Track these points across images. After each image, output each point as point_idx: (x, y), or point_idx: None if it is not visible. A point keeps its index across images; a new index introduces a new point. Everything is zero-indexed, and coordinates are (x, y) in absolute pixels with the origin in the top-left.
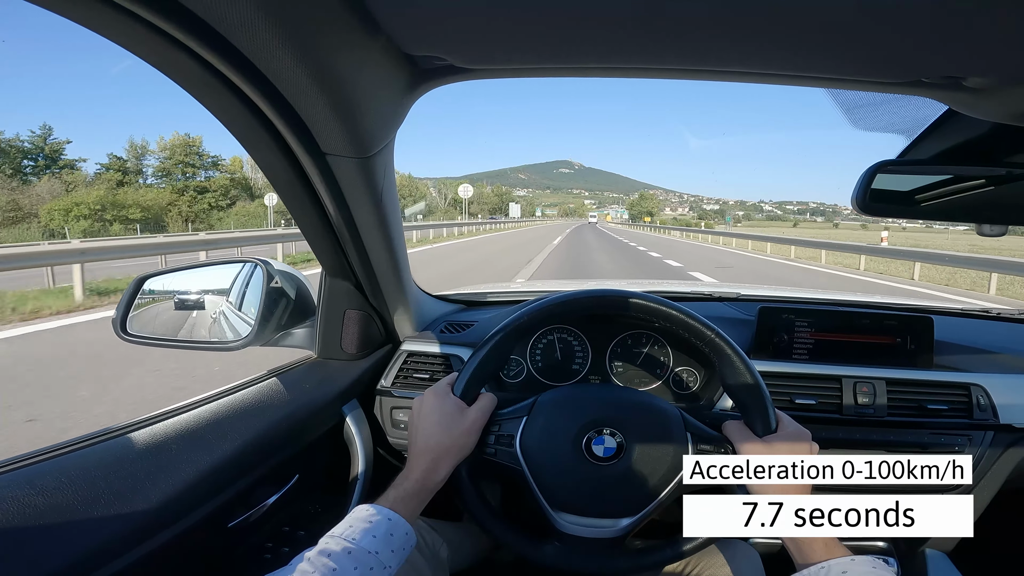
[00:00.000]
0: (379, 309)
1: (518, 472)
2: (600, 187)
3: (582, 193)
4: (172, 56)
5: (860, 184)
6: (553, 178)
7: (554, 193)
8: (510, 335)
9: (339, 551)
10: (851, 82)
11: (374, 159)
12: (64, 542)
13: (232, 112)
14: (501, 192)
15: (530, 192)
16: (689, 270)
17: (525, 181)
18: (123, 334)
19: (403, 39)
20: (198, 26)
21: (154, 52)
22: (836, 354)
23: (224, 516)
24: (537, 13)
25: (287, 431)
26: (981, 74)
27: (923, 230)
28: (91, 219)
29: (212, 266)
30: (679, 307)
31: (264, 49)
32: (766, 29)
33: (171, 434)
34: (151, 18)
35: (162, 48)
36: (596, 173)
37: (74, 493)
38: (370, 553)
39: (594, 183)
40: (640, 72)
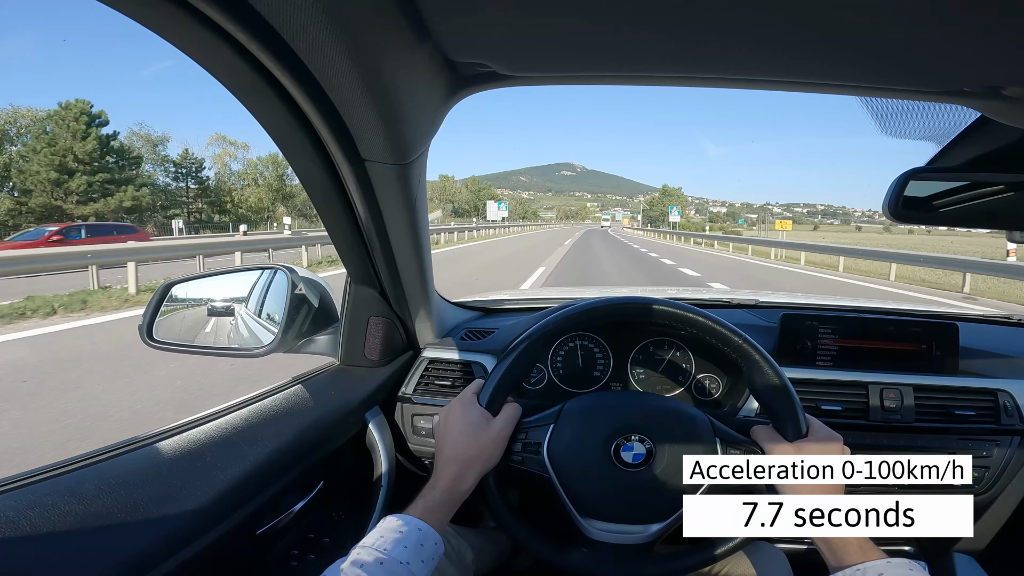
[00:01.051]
0: (402, 316)
1: (545, 479)
2: (603, 190)
3: (584, 196)
4: (225, 58)
5: (892, 191)
6: (555, 180)
7: (556, 196)
8: (535, 343)
9: (371, 561)
10: (891, 91)
11: (411, 166)
12: (105, 550)
13: (277, 117)
14: (478, 187)
15: (531, 195)
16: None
17: (527, 183)
18: (149, 340)
19: (450, 45)
20: (260, 27)
21: (207, 54)
22: (860, 361)
23: (253, 523)
24: (579, 22)
25: (314, 438)
26: (1022, 83)
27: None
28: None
29: (236, 272)
30: (706, 313)
31: (319, 52)
32: (810, 41)
33: (204, 440)
34: (216, 17)
35: (215, 50)
36: (598, 175)
37: (114, 500)
38: (401, 563)
39: (596, 185)
40: (677, 80)
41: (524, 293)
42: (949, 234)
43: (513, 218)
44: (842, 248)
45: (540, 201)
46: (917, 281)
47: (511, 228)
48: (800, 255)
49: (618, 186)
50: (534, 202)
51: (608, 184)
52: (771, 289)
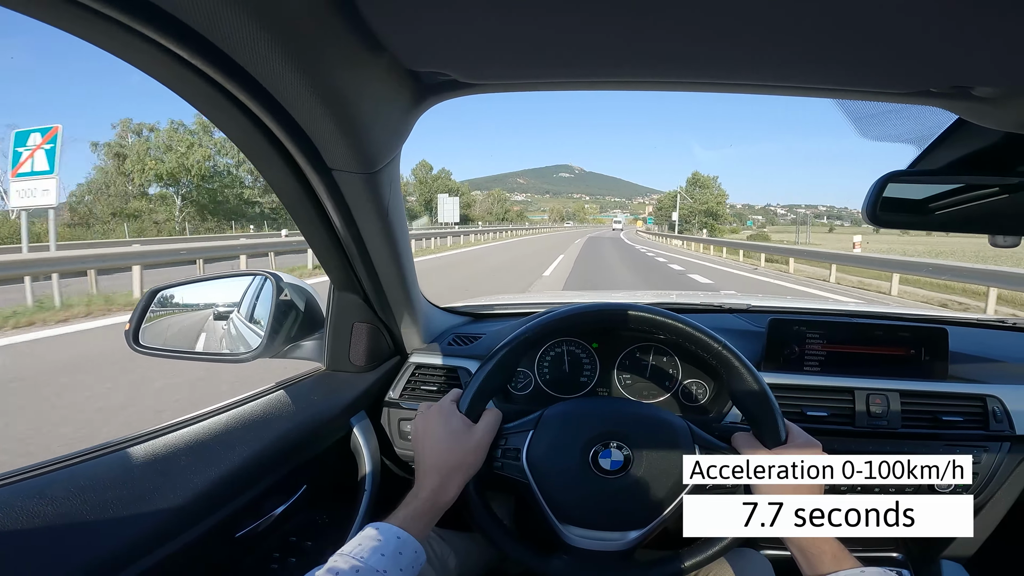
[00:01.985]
0: (387, 322)
1: (524, 485)
2: (601, 191)
3: (583, 198)
4: (180, 73)
5: (871, 194)
6: (553, 183)
7: (554, 198)
8: (514, 350)
9: (347, 569)
10: (859, 92)
11: (380, 174)
12: (73, 551)
13: (241, 129)
14: (429, 176)
15: (528, 196)
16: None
17: (524, 186)
18: (135, 345)
19: (406, 56)
20: (202, 45)
21: (163, 69)
22: (848, 366)
23: (232, 526)
24: (537, 28)
25: (295, 442)
26: (989, 83)
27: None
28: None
29: (223, 279)
30: (686, 320)
31: (268, 68)
32: (772, 40)
33: (179, 445)
34: (157, 37)
35: (169, 65)
36: (597, 177)
37: (83, 503)
38: (378, 572)
39: (595, 187)
40: (644, 85)
41: (515, 297)
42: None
43: (490, 219)
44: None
45: (538, 203)
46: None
47: (479, 235)
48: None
49: (616, 188)
50: (531, 204)
51: (607, 186)
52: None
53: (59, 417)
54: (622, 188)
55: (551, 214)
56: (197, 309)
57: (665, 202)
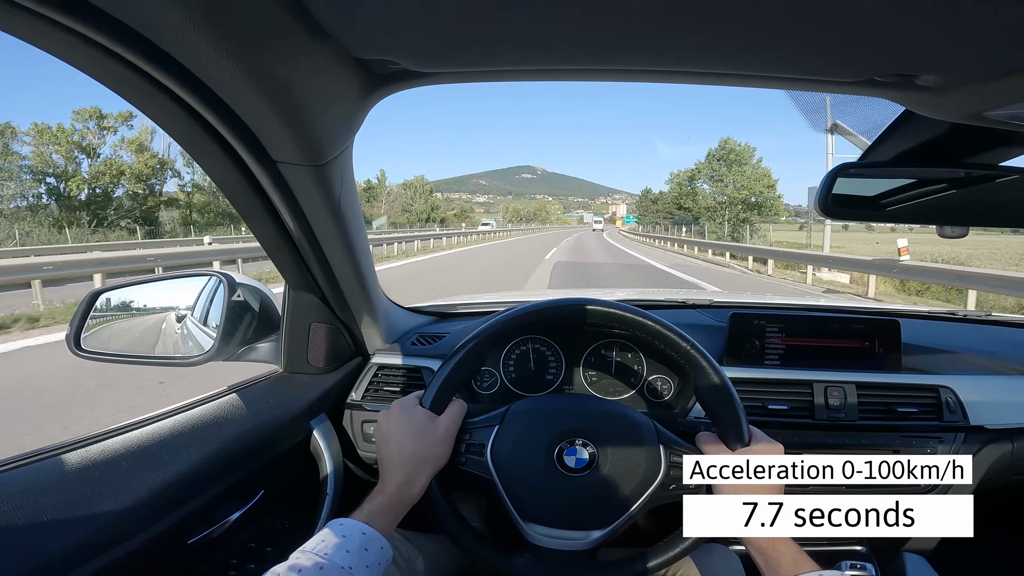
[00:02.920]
0: (347, 322)
1: (488, 482)
2: (564, 192)
3: (545, 198)
4: (106, 64)
5: (822, 187)
6: (515, 184)
7: (516, 199)
8: (477, 347)
9: (310, 566)
10: (807, 82)
11: (329, 166)
12: (8, 556)
13: (175, 119)
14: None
15: (491, 199)
16: None
17: (486, 187)
18: (77, 350)
19: (353, 44)
20: (126, 34)
21: (88, 61)
22: (807, 359)
23: (183, 533)
24: (488, 14)
25: (249, 446)
26: (933, 71)
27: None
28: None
29: (172, 280)
30: (655, 317)
31: (199, 56)
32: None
33: (121, 451)
34: (78, 27)
35: (95, 56)
36: (560, 178)
37: (14, 509)
38: (343, 568)
39: (558, 188)
40: (596, 75)
41: (480, 297)
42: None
43: (407, 221)
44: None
45: (500, 205)
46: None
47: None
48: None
49: (579, 188)
50: (492, 206)
51: (570, 186)
52: None
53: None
54: (584, 188)
55: (505, 214)
56: (147, 311)
57: (648, 198)
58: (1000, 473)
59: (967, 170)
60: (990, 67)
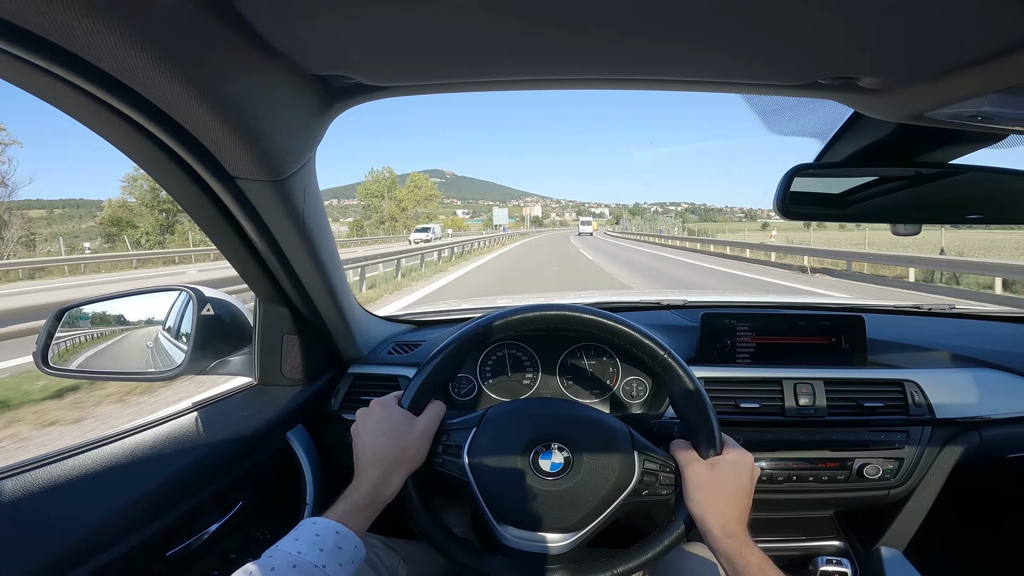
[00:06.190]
0: (320, 333)
1: (464, 483)
2: (475, 196)
3: (454, 203)
4: (48, 84)
5: (780, 188)
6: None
7: (423, 203)
8: (456, 350)
9: (283, 564)
10: (754, 86)
11: (290, 181)
12: None
13: (126, 138)
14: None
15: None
16: None
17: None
18: (44, 367)
19: (304, 60)
20: (62, 55)
21: (32, 82)
22: (776, 357)
23: (161, 545)
24: (439, 28)
25: (225, 458)
26: (872, 74)
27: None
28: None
29: (140, 295)
30: (633, 324)
31: (142, 76)
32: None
33: (92, 466)
34: (18, 52)
35: (36, 77)
36: (470, 182)
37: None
38: (316, 567)
39: (468, 192)
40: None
41: (457, 303)
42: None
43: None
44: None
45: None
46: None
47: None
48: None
49: (490, 191)
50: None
51: (480, 190)
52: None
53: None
54: (496, 192)
55: (353, 225)
56: (117, 327)
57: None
58: (970, 465)
59: (917, 169)
60: (925, 68)
